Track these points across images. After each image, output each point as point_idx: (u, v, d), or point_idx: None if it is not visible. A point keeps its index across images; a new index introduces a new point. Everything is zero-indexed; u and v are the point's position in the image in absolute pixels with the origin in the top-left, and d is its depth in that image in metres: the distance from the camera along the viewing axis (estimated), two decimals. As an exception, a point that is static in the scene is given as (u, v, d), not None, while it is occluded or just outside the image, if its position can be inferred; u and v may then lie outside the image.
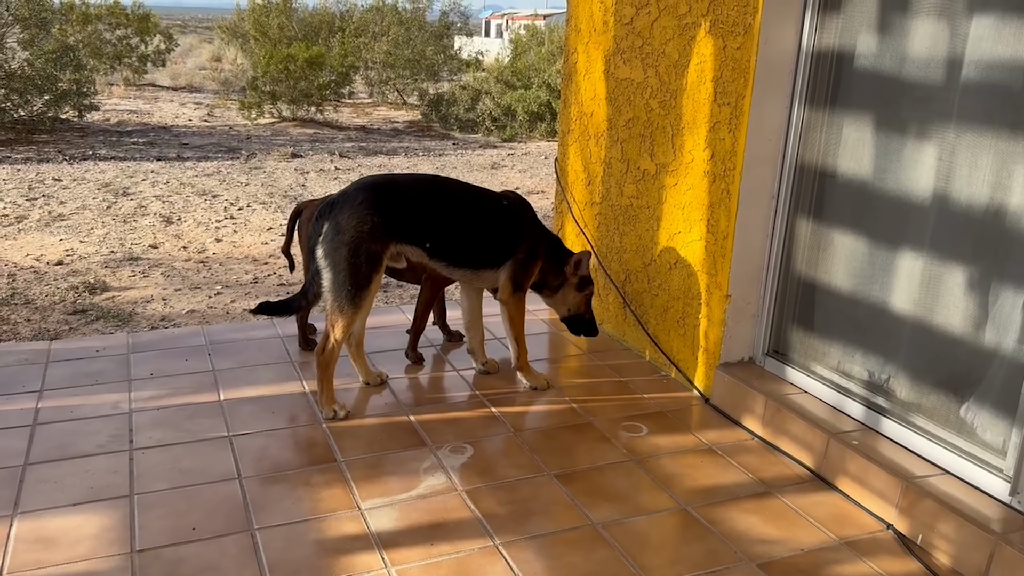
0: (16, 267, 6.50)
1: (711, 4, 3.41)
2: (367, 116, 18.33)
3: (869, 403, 3.10)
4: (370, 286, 3.22)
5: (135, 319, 5.44)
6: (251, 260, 6.96)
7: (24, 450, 2.98)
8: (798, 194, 3.35)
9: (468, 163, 12.60)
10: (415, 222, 3.30)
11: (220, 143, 13.32)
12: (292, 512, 2.68)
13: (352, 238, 3.17)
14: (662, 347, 3.87)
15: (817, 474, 3.02)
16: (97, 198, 8.95)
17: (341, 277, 3.18)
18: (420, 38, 20.40)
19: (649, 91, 3.85)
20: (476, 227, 3.47)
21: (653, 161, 3.87)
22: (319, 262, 3.23)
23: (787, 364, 3.42)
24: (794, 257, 3.40)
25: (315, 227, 3.25)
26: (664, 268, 3.84)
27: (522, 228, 3.55)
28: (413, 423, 3.33)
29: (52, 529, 2.53)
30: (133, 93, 19.75)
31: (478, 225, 3.47)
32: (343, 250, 3.17)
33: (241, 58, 23.99)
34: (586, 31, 4.36)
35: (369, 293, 3.23)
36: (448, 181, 3.64)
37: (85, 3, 21.61)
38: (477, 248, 3.47)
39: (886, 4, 2.99)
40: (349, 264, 3.17)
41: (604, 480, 2.94)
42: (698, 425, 3.39)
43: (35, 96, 13.17)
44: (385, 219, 3.22)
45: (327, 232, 3.19)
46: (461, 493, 2.83)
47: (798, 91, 3.27)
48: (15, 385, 3.49)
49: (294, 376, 3.71)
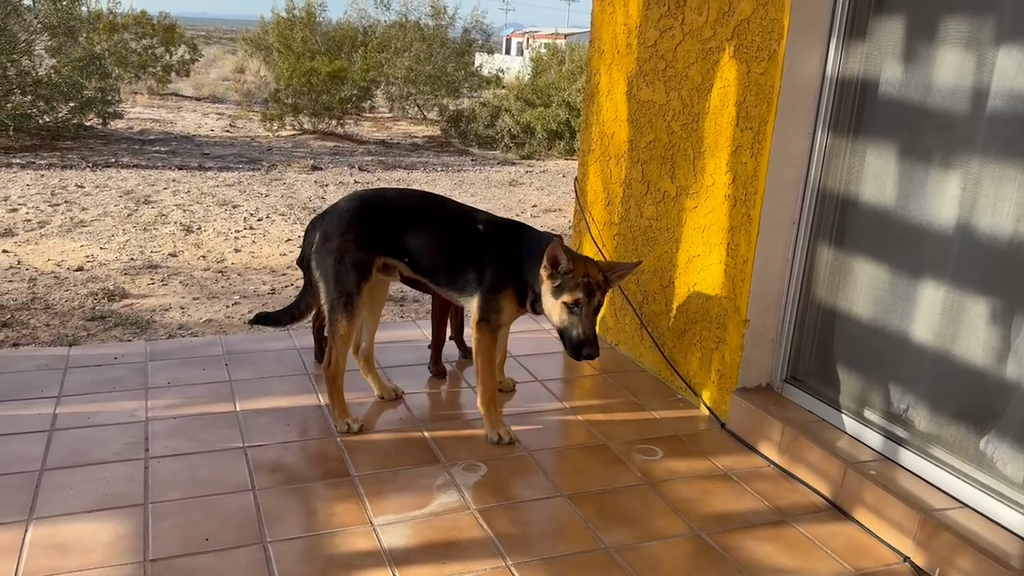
0: (37, 272, 6.56)
1: (736, 29, 3.41)
2: (387, 130, 18.44)
3: (887, 433, 3.07)
4: (359, 294, 3.23)
5: (153, 327, 5.47)
6: (269, 271, 7.00)
7: (41, 455, 2.99)
8: (820, 220, 3.34)
9: (486, 180, 12.64)
10: (396, 236, 3.29)
11: (241, 154, 13.43)
12: (305, 525, 2.68)
13: (337, 246, 3.22)
14: (678, 370, 3.86)
15: (834, 503, 2.99)
16: (118, 205, 9.03)
17: (331, 286, 3.24)
18: (442, 55, 20.53)
19: (671, 113, 3.86)
20: (448, 249, 3.32)
21: (674, 183, 3.87)
22: (313, 272, 3.30)
23: (805, 391, 3.40)
24: (814, 283, 3.39)
25: (308, 237, 3.35)
26: (682, 290, 3.83)
27: (493, 255, 3.23)
28: (427, 439, 3.33)
29: (67, 535, 2.54)
30: (156, 102, 19.97)
31: (450, 247, 3.31)
32: (330, 258, 3.23)
33: (264, 70, 24.24)
34: (609, 52, 4.38)
35: (360, 301, 3.24)
36: (435, 199, 3.50)
37: (112, 12, 21.93)
38: (450, 270, 3.32)
39: (913, 33, 2.99)
40: (336, 272, 3.22)
41: (618, 503, 2.92)
42: (713, 450, 3.36)
43: (60, 103, 13.35)
44: (369, 230, 3.25)
45: (317, 241, 3.27)
46: (474, 512, 2.82)
47: (822, 117, 3.27)
48: (34, 390, 3.51)
49: (310, 388, 3.72)
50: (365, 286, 3.24)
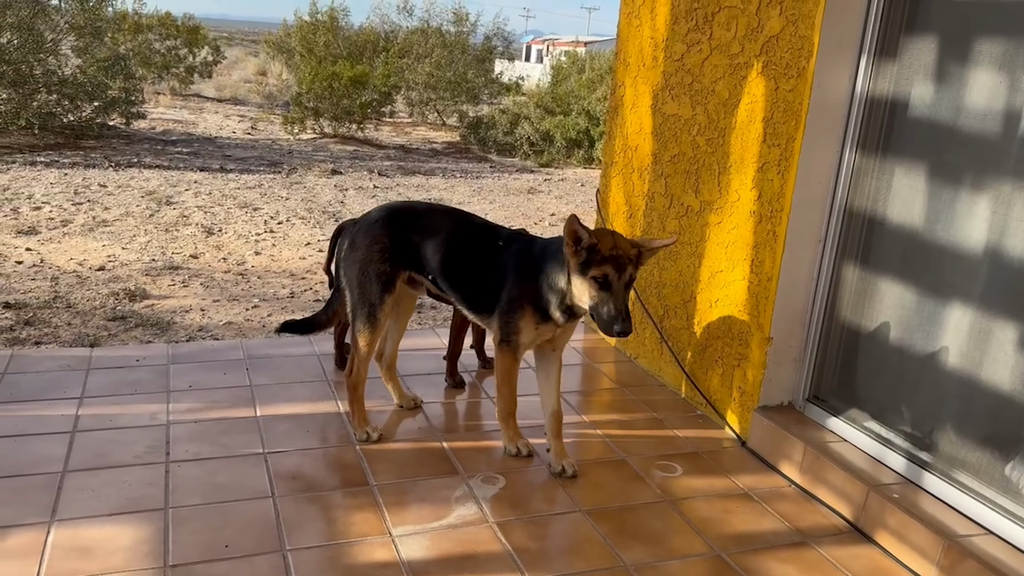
0: (59, 270, 6.61)
1: (765, 45, 3.40)
2: (406, 135, 18.51)
3: (911, 456, 3.04)
4: (382, 305, 3.22)
5: (173, 328, 5.50)
6: (289, 274, 7.03)
7: (64, 457, 3.01)
8: (846, 239, 3.31)
9: (504, 187, 12.65)
10: (420, 252, 3.25)
11: (263, 156, 13.51)
12: (324, 534, 2.68)
13: (363, 256, 3.22)
14: (699, 386, 3.83)
15: (855, 526, 2.96)
16: (140, 206, 9.10)
17: (355, 295, 3.25)
18: (462, 61, 20.61)
19: (697, 128, 3.85)
20: (467, 272, 3.23)
21: (698, 198, 3.85)
22: (340, 279, 3.33)
23: (828, 411, 3.37)
24: (839, 302, 3.36)
25: (339, 244, 3.36)
26: (704, 306, 3.81)
27: (507, 274, 3.11)
28: (446, 450, 3.32)
29: (88, 538, 2.55)
30: (179, 103, 20.14)
31: (469, 269, 3.23)
32: (355, 268, 3.24)
33: (286, 73, 24.39)
34: (635, 65, 4.37)
35: (383, 313, 3.23)
36: (462, 218, 3.39)
37: (137, 13, 22.15)
38: (471, 291, 3.25)
39: (944, 53, 2.96)
40: (360, 282, 3.22)
41: (637, 520, 2.91)
42: (734, 468, 3.34)
43: (85, 102, 13.50)
44: (395, 243, 3.23)
45: (345, 249, 3.30)
46: (492, 525, 2.81)
47: (850, 136, 3.25)
48: (57, 391, 3.54)
49: (329, 395, 3.72)
50: (389, 298, 3.23)
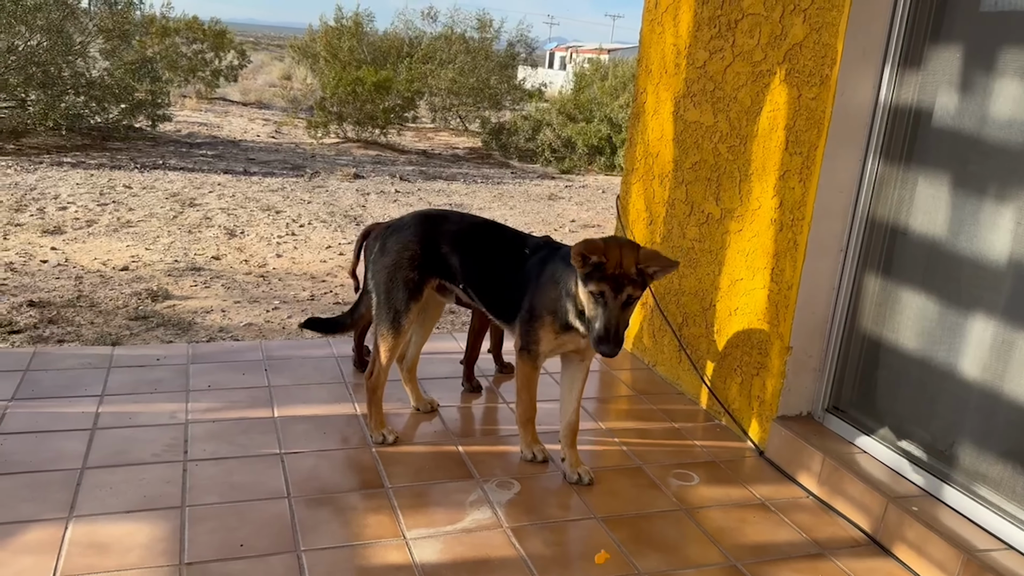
0: (83, 270, 6.69)
1: (788, 53, 3.38)
2: (428, 141, 18.58)
3: (931, 468, 3.00)
4: (408, 312, 3.23)
5: (194, 328, 5.55)
6: (309, 277, 7.07)
7: (83, 454, 3.04)
8: (868, 249, 3.28)
9: (526, 193, 12.66)
10: (449, 260, 3.26)
11: (286, 160, 13.61)
12: (338, 536, 2.69)
13: (392, 262, 3.23)
14: (717, 395, 3.81)
15: (873, 538, 2.93)
16: (164, 207, 9.20)
17: (382, 299, 3.25)
18: (486, 67, 20.66)
19: (718, 135, 3.83)
20: (495, 277, 3.25)
21: (718, 205, 3.84)
22: (368, 283, 3.34)
23: (847, 422, 3.34)
24: (860, 312, 3.33)
25: (372, 247, 3.37)
26: (724, 314, 3.79)
27: (530, 282, 3.12)
28: (461, 454, 3.32)
29: (105, 535, 2.58)
30: (204, 106, 20.34)
31: (496, 276, 3.24)
32: (383, 273, 3.24)
33: (310, 78, 24.57)
34: (657, 72, 4.36)
35: (407, 319, 3.24)
36: (492, 227, 3.40)
37: (165, 17, 22.43)
38: (497, 299, 3.27)
39: (969, 63, 2.94)
40: (387, 288, 3.23)
41: (652, 528, 2.89)
42: (751, 478, 3.31)
43: (112, 105, 13.67)
44: (426, 251, 3.24)
45: (375, 254, 3.30)
46: (506, 530, 2.80)
47: (873, 145, 3.22)
48: (78, 388, 3.57)
49: (347, 397, 3.74)
50: (415, 305, 3.23)
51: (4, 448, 3.04)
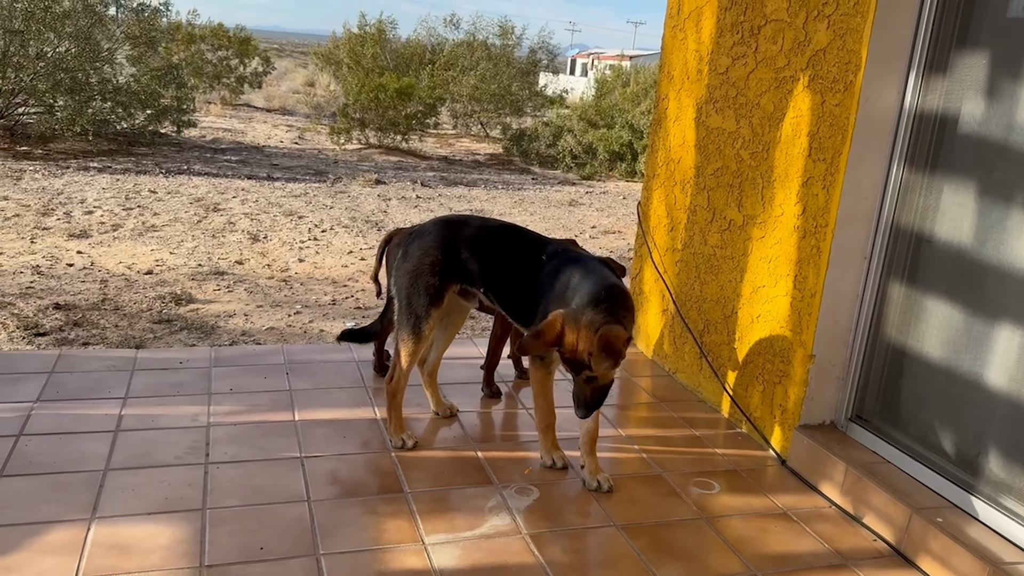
0: (108, 273, 6.77)
1: (811, 59, 3.36)
2: (450, 147, 18.63)
3: (956, 479, 2.96)
4: (428, 318, 3.23)
5: (217, 332, 5.59)
6: (331, 282, 7.11)
7: (106, 455, 3.07)
8: (892, 256, 3.25)
9: (546, 199, 12.66)
10: (470, 265, 3.25)
11: (308, 166, 13.71)
12: (357, 540, 2.69)
13: (413, 268, 3.24)
14: (738, 403, 3.78)
15: (897, 550, 2.89)
16: (189, 212, 9.28)
17: (403, 305, 3.26)
18: (507, 74, 20.71)
19: (740, 141, 3.81)
20: (514, 283, 3.22)
21: (740, 212, 3.81)
22: (392, 289, 3.35)
23: (870, 431, 3.30)
24: (884, 321, 3.30)
25: (394, 253, 3.41)
26: (745, 322, 3.77)
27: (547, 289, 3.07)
28: (480, 459, 3.32)
29: (127, 536, 2.59)
30: (229, 112, 20.54)
31: (516, 281, 3.21)
32: (405, 279, 3.25)
33: (333, 84, 24.74)
34: (679, 78, 4.35)
35: (428, 325, 3.24)
36: (513, 231, 3.38)
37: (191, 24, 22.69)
38: (515, 303, 3.25)
39: (996, 69, 2.90)
40: (408, 293, 3.24)
41: (672, 536, 2.87)
42: (773, 487, 3.28)
43: (138, 110, 13.83)
44: (448, 257, 3.24)
45: (398, 259, 3.32)
46: (525, 537, 2.79)
47: (898, 151, 3.19)
48: (102, 390, 3.61)
49: (367, 401, 3.75)
50: (435, 311, 3.24)
51: (28, 449, 3.07)
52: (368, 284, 6.95)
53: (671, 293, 4.36)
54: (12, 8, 12.22)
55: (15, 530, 2.58)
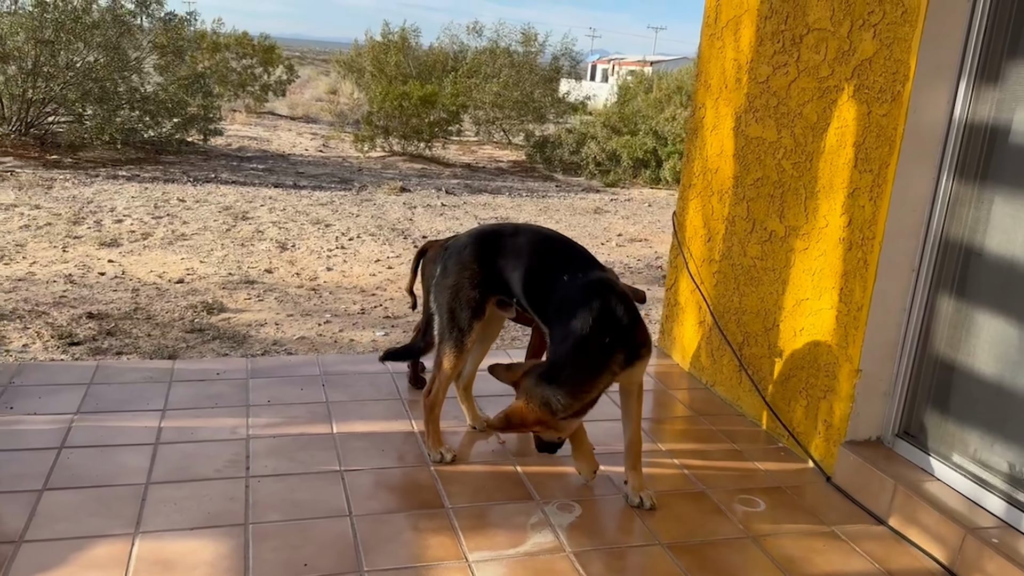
0: (140, 282, 6.80)
1: (856, 69, 3.31)
2: (473, 154, 18.65)
3: (1010, 498, 2.88)
4: (471, 331, 3.21)
5: (248, 341, 5.60)
6: (359, 290, 7.10)
7: (147, 469, 3.06)
8: (941, 269, 3.18)
9: (570, 207, 12.62)
10: (505, 276, 3.21)
11: (334, 173, 13.76)
12: (401, 556, 2.66)
13: (453, 283, 3.22)
14: (781, 417, 3.72)
15: (950, 571, 2.82)
16: (217, 220, 9.33)
17: (444, 320, 3.24)
18: (530, 81, 20.72)
19: (782, 151, 3.76)
20: (545, 294, 3.11)
21: (782, 223, 3.76)
22: (431, 304, 3.33)
23: (918, 448, 3.23)
24: (933, 335, 3.23)
25: (427, 270, 3.40)
26: (788, 335, 3.71)
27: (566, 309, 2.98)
28: (520, 474, 3.28)
29: (171, 552, 2.58)
30: (254, 120, 20.68)
31: (544, 293, 3.11)
32: (446, 294, 3.23)
33: (357, 92, 24.87)
34: (716, 87, 4.30)
35: (471, 338, 3.22)
36: (545, 238, 3.30)
37: (216, 33, 22.90)
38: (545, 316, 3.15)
39: (1052, 78, 2.84)
40: (450, 308, 3.22)
41: (718, 556, 2.82)
42: (819, 505, 3.22)
43: (165, 119, 13.96)
44: (485, 269, 3.22)
45: (437, 275, 3.30)
46: (569, 555, 2.75)
47: (947, 163, 3.13)
48: (140, 402, 3.61)
49: (403, 414, 3.72)
50: (478, 324, 3.22)
51: (71, 461, 3.07)
52: (396, 293, 6.95)
53: (708, 305, 4.30)
54: (43, 19, 12.38)
55: (62, 544, 2.57)
